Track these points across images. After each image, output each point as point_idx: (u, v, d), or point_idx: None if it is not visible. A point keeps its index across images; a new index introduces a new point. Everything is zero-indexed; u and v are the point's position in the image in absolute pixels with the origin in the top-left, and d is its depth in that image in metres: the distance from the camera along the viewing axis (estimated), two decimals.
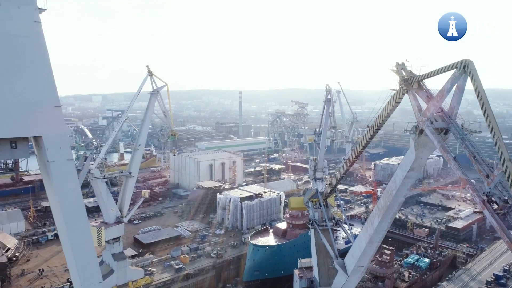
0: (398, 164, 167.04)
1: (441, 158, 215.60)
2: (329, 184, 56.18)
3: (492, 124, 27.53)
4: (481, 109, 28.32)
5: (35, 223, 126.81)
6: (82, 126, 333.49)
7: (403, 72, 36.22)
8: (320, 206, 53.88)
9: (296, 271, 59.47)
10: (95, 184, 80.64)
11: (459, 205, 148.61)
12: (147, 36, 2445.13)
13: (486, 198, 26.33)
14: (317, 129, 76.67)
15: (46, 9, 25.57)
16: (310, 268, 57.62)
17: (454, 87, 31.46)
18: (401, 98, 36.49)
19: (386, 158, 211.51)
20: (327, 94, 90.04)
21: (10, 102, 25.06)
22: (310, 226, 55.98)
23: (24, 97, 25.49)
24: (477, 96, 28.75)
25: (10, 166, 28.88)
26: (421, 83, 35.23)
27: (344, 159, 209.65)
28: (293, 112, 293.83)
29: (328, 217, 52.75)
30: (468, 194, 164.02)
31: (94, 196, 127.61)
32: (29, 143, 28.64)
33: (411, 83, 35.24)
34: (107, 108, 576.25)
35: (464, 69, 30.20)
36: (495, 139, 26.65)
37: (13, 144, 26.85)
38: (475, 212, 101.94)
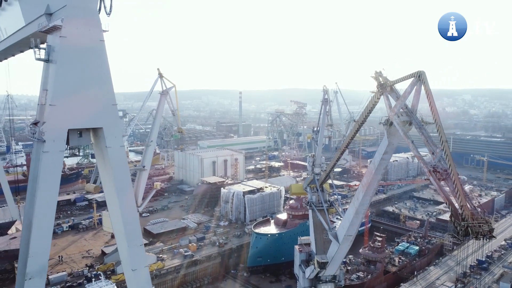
0: (393, 161, 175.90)
1: None
2: (324, 171, 64.55)
3: (435, 117, 36.45)
4: (429, 105, 36.82)
5: None
6: None
7: (380, 78, 44.70)
8: (317, 190, 62.46)
9: (296, 247, 68.04)
10: None
11: None
12: (146, 36, 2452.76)
13: (432, 169, 35.02)
14: (315, 128, 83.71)
15: (108, 31, 33.35)
16: (308, 244, 66.10)
17: (414, 90, 39.78)
18: (379, 98, 45.36)
19: None
20: (324, 95, 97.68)
21: (80, 102, 32.93)
22: (308, 207, 64.37)
23: (91, 98, 33.35)
24: (427, 97, 37.43)
25: (74, 152, 36.57)
26: (393, 87, 43.68)
27: (343, 158, 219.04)
28: (292, 112, 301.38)
29: (323, 199, 61.51)
30: None
31: (101, 191, 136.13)
32: None
33: (385, 87, 43.69)
34: None
35: (419, 77, 38.49)
36: (437, 127, 35.60)
37: (79, 134, 34.77)
38: (425, 179, 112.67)
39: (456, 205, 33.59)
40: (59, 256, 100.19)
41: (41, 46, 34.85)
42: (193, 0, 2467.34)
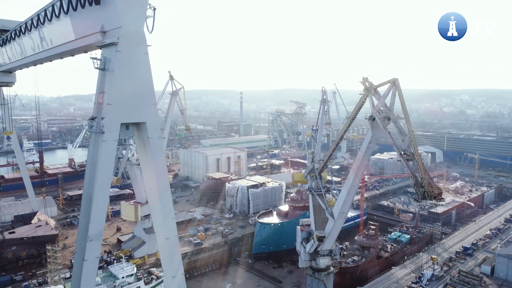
0: (389, 158, 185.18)
1: (429, 154, 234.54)
2: (322, 160, 73.90)
3: (405, 114, 46.02)
4: (401, 105, 46.06)
5: (64, 209, 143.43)
6: None
7: (366, 83, 53.98)
8: (316, 178, 71.99)
9: (298, 227, 77.53)
10: (132, 170, 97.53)
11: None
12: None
13: (402, 152, 44.74)
14: (314, 127, 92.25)
15: (151, 45, 42.05)
16: (308, 225, 75.53)
17: (390, 92, 49.16)
18: (366, 99, 54.61)
19: (378, 154, 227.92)
20: (323, 95, 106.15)
21: (130, 101, 41.62)
22: (309, 192, 73.73)
23: (137, 98, 42.03)
24: (399, 98, 46.66)
25: (122, 142, 45.13)
26: (376, 89, 52.99)
27: (341, 156, 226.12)
28: (292, 112, 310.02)
29: (322, 185, 71.14)
30: (452, 186, 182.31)
31: (114, 187, 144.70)
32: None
33: (370, 90, 53.05)
34: None
35: (394, 83, 47.80)
36: (406, 121, 45.12)
37: (127, 127, 43.48)
38: (398, 160, 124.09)
39: (418, 177, 44.16)
40: None
41: (90, 56, 43.73)
42: (192, 0, 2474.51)
